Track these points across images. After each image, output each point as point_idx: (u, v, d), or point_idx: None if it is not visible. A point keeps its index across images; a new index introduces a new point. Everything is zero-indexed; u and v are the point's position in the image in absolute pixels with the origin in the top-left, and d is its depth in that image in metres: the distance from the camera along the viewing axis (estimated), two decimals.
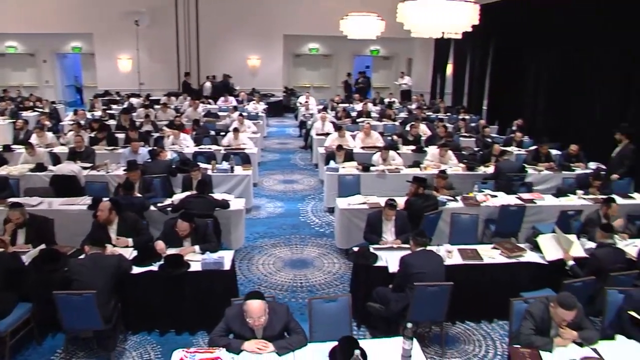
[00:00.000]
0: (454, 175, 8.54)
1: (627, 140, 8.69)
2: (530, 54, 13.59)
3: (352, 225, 7.15)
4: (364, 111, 14.59)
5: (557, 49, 12.35)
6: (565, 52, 11.97)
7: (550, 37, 12.52)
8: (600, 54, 10.67)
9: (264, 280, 6.65)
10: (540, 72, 13.20)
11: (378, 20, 14.16)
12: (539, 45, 13.16)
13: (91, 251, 4.96)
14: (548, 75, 12.85)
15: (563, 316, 3.95)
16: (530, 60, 13.64)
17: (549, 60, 12.79)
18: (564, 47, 11.99)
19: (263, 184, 10.74)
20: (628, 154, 8.66)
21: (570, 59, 11.77)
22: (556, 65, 12.45)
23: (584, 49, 11.27)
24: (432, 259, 5.08)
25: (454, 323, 5.71)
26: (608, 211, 6.46)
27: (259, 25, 19.01)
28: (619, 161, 8.71)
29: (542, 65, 13.14)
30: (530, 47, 13.55)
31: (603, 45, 10.50)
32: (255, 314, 3.81)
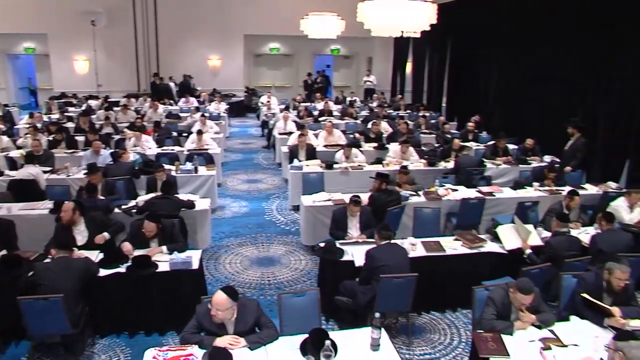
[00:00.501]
0: (415, 171, 8.73)
1: (579, 133, 9.07)
2: (486, 52, 13.96)
3: (318, 222, 7.25)
4: (325, 110, 14.71)
5: (510, 47, 12.72)
6: (519, 50, 12.35)
7: (504, 36, 12.89)
8: (551, 52, 11.06)
9: (231, 279, 6.67)
10: (496, 69, 13.59)
11: (338, 19, 14.30)
12: (494, 44, 13.53)
13: (58, 254, 4.90)
14: (503, 73, 13.25)
15: (522, 300, 4.14)
16: (486, 58, 14.01)
17: (503, 58, 13.17)
18: (517, 45, 12.36)
19: (227, 184, 10.73)
20: (580, 146, 9.04)
21: (524, 57, 12.16)
22: (510, 63, 12.83)
23: (535, 48, 11.67)
24: (397, 251, 5.22)
25: (420, 313, 5.88)
26: (570, 203, 6.74)
27: (219, 25, 18.91)
28: (572, 154, 9.08)
29: (497, 63, 13.53)
30: (485, 45, 13.91)
31: (553, 44, 10.89)
32: (216, 304, 3.85)
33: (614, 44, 9.22)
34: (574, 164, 8.96)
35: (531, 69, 11.89)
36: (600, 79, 9.65)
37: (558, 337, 4.10)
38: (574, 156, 9.02)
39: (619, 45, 9.13)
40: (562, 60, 10.69)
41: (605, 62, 9.49)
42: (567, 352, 3.88)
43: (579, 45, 10.07)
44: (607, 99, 9.48)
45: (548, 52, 11.15)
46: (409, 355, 5.17)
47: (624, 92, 9.08)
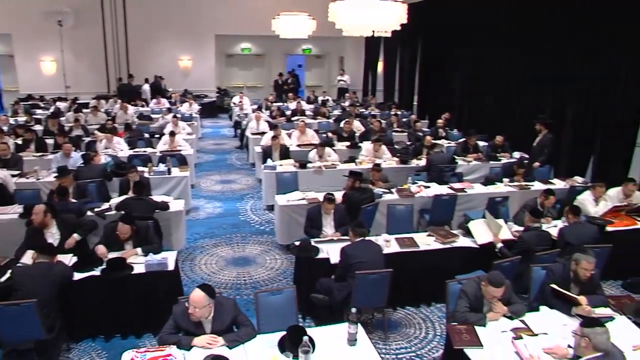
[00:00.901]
0: (388, 169, 8.84)
1: (546, 130, 9.29)
2: (456, 51, 14.15)
3: (292, 221, 7.29)
4: (298, 110, 14.75)
5: (479, 46, 12.94)
6: (487, 49, 12.57)
7: (473, 35, 13.11)
8: (519, 52, 11.29)
9: (207, 279, 6.65)
10: (465, 68, 13.81)
11: (310, 19, 14.33)
12: (463, 43, 13.73)
13: (38, 259, 4.83)
14: (472, 71, 13.46)
15: (493, 293, 4.26)
16: (455, 57, 14.21)
17: (472, 56, 13.38)
18: (486, 44, 12.59)
19: (200, 185, 10.68)
20: (547, 143, 9.26)
21: (493, 56, 12.38)
22: (479, 62, 13.05)
23: (504, 47, 11.90)
24: (371, 248, 5.29)
25: (395, 309, 5.96)
26: (545, 202, 6.90)
27: (189, 25, 18.74)
28: (540, 150, 9.30)
29: (466, 62, 13.74)
30: (455, 44, 14.11)
31: (522, 43, 11.12)
32: (194, 302, 3.87)
33: (581, 45, 9.47)
34: (542, 159, 9.18)
35: (500, 68, 12.12)
36: (567, 78, 9.89)
37: (529, 327, 4.23)
38: (542, 152, 9.24)
39: (586, 46, 9.38)
40: (531, 59, 10.91)
41: (572, 63, 9.74)
42: (537, 340, 4.00)
43: (547, 45, 10.31)
44: (574, 97, 9.73)
45: (517, 51, 11.37)
46: (385, 350, 5.24)
47: (590, 91, 9.34)
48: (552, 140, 9.28)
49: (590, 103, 9.32)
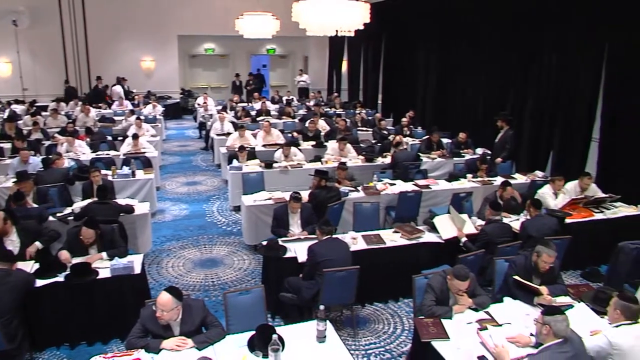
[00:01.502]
0: (354, 167, 8.91)
1: (507, 126, 9.50)
2: (418, 49, 14.36)
3: (259, 221, 7.27)
4: (263, 110, 14.70)
5: (442, 44, 13.16)
6: (450, 47, 12.79)
7: (436, 33, 13.33)
8: (481, 50, 11.53)
9: (175, 282, 6.58)
10: (428, 66, 14.00)
11: (273, 19, 14.27)
12: (425, 41, 13.96)
13: None
14: (435, 69, 13.65)
15: (459, 286, 4.35)
16: (418, 55, 14.40)
17: (435, 54, 13.59)
18: (448, 42, 12.80)
19: (166, 188, 10.55)
20: (508, 139, 9.48)
21: (455, 53, 12.60)
22: (442, 59, 13.26)
23: (466, 44, 12.13)
24: (339, 246, 5.32)
25: (364, 305, 6.02)
26: (503, 193, 7.07)
27: (151, 25, 18.42)
28: (501, 146, 9.52)
29: (429, 60, 13.94)
30: (417, 43, 14.32)
31: (484, 41, 11.36)
32: (161, 305, 3.83)
33: (539, 42, 9.73)
34: (503, 155, 9.39)
35: (462, 65, 12.33)
36: (527, 75, 10.15)
37: (493, 318, 4.34)
38: (504, 148, 9.46)
39: (543, 43, 9.64)
40: (492, 56, 11.16)
41: (531, 60, 9.99)
42: (502, 330, 4.10)
43: (508, 42, 10.56)
44: (534, 93, 9.99)
45: (478, 49, 11.61)
46: (355, 347, 5.29)
47: (549, 87, 9.60)
48: (513, 136, 9.51)
49: (549, 100, 9.58)
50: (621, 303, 3.94)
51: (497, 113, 9.84)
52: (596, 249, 6.87)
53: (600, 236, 6.87)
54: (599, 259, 6.99)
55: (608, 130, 8.36)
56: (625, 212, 7.13)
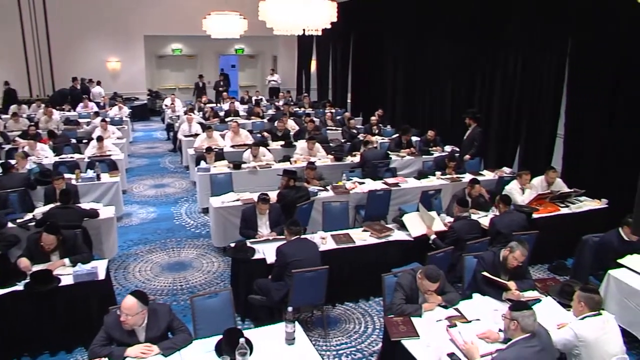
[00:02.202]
0: (323, 167, 8.88)
1: (475, 124, 9.57)
2: (386, 47, 14.41)
3: (228, 223, 7.17)
4: (231, 110, 14.54)
5: (408, 42, 13.22)
6: (417, 45, 12.86)
7: (402, 31, 13.39)
8: (448, 47, 11.62)
9: (142, 287, 6.42)
10: (396, 64, 14.06)
11: (241, 19, 14.16)
12: (392, 39, 14.00)
13: None
14: (403, 67, 13.72)
15: (428, 287, 4.34)
16: (386, 54, 14.45)
17: (403, 53, 13.64)
18: (415, 40, 12.87)
19: (133, 191, 10.33)
20: (476, 136, 9.54)
21: (422, 51, 12.67)
22: (409, 58, 13.31)
23: (433, 42, 12.21)
24: (307, 246, 5.27)
25: (334, 305, 5.98)
26: (472, 191, 7.11)
27: (117, 26, 18.04)
28: (470, 143, 9.57)
29: (397, 58, 13.99)
30: (385, 41, 14.37)
31: (450, 38, 11.44)
32: (126, 309, 3.72)
33: (504, 39, 9.83)
34: (472, 152, 9.46)
35: (429, 63, 12.41)
36: (493, 72, 10.26)
37: (462, 314, 4.34)
38: (472, 145, 9.52)
39: (508, 40, 9.75)
40: (458, 54, 11.24)
41: (496, 56, 10.09)
42: (471, 326, 4.11)
43: (473, 40, 10.64)
44: (500, 90, 10.09)
45: (445, 47, 11.69)
46: (326, 347, 5.25)
47: (514, 84, 9.71)
48: (481, 134, 9.59)
49: (515, 96, 9.69)
50: (584, 295, 3.99)
51: (465, 111, 9.92)
52: (562, 242, 6.99)
53: (566, 230, 6.99)
54: (565, 253, 7.11)
55: (572, 126, 8.50)
56: (589, 206, 7.26)
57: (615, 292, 5.30)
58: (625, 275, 5.28)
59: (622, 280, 5.24)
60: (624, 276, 5.28)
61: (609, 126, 7.76)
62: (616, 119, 7.64)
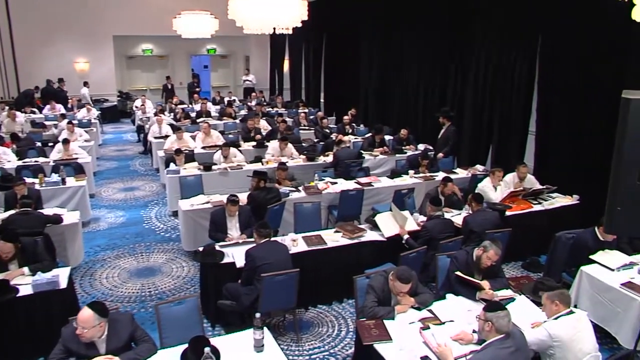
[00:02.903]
0: (295, 167, 8.76)
1: (449, 122, 9.52)
2: (358, 46, 14.34)
3: (198, 226, 6.98)
4: (203, 111, 14.30)
5: (381, 40, 13.18)
6: (389, 43, 12.81)
7: (375, 30, 13.34)
8: (420, 45, 11.59)
9: (109, 294, 6.22)
10: (369, 63, 13.99)
11: (212, 18, 13.97)
12: (365, 38, 13.95)
13: None
14: (376, 66, 13.65)
15: (401, 289, 4.24)
16: (359, 52, 14.38)
17: (375, 51, 13.59)
18: (387, 38, 12.83)
19: (101, 194, 10.05)
20: (451, 134, 9.49)
21: (394, 50, 12.63)
22: (382, 56, 13.27)
23: (405, 40, 12.18)
24: (277, 249, 5.13)
25: (307, 308, 5.85)
26: (444, 189, 7.04)
27: (84, 26, 17.62)
28: (444, 142, 9.52)
29: (369, 57, 13.93)
30: (357, 40, 14.30)
31: (422, 37, 11.42)
32: (82, 322, 3.53)
33: (476, 37, 9.84)
34: (445, 150, 9.43)
35: (401, 62, 12.37)
36: (465, 70, 10.25)
37: (436, 316, 4.25)
38: (446, 143, 9.47)
39: (479, 37, 9.75)
40: (430, 53, 11.22)
41: (468, 54, 10.09)
42: (444, 328, 4.02)
43: (445, 38, 10.64)
44: (472, 88, 10.08)
45: (417, 46, 11.66)
46: (298, 352, 5.12)
47: (487, 81, 9.70)
48: (455, 132, 9.56)
49: (487, 94, 9.69)
50: (554, 294, 3.94)
51: (439, 110, 9.88)
52: (535, 239, 6.99)
53: (539, 227, 7.00)
54: (538, 250, 7.09)
55: (543, 123, 8.52)
56: (561, 203, 7.27)
57: (587, 288, 5.29)
58: (597, 271, 5.28)
59: (594, 276, 5.23)
60: (596, 272, 5.27)
61: (579, 123, 7.79)
62: (586, 116, 7.66)
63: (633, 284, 4.96)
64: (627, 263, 5.34)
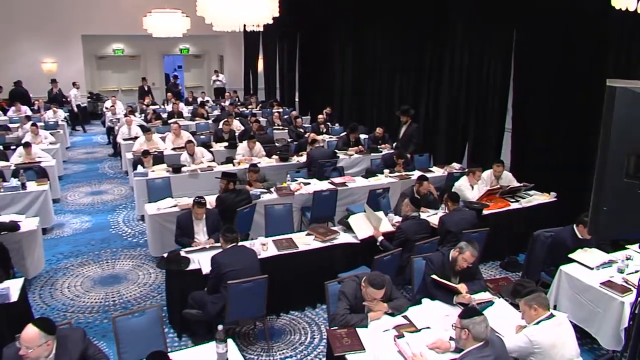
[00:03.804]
0: (268, 167, 8.50)
1: (410, 120, 9.27)
2: (332, 44, 14.15)
3: (165, 230, 6.67)
4: (174, 112, 13.92)
5: (355, 38, 13.01)
6: (363, 41, 12.65)
7: (348, 28, 13.16)
8: (394, 43, 11.43)
9: (70, 305, 5.89)
10: (344, 61, 13.80)
11: (183, 16, 13.60)
12: (339, 36, 13.76)
13: None
14: (350, 64, 13.48)
15: (373, 295, 4.01)
16: (332, 51, 14.19)
17: (349, 49, 13.41)
18: (362, 36, 12.66)
19: (67, 199, 9.65)
20: (413, 132, 9.26)
21: (369, 48, 12.47)
22: (357, 54, 13.11)
23: (379, 38, 12.01)
24: (245, 254, 4.87)
25: (279, 315, 5.61)
26: (420, 188, 6.85)
27: (52, 25, 17.02)
28: (408, 140, 9.25)
29: (344, 55, 13.74)
30: (331, 37, 14.13)
31: (397, 35, 11.27)
32: (25, 341, 3.21)
33: (450, 33, 9.69)
34: (411, 149, 9.16)
35: (376, 59, 12.20)
36: (440, 67, 10.09)
37: (411, 322, 4.04)
38: (410, 142, 9.20)
39: (454, 33, 9.60)
40: (405, 49, 11.05)
41: (443, 51, 9.94)
42: (420, 336, 3.80)
43: (420, 35, 10.49)
44: (448, 85, 9.92)
45: (391, 43, 11.50)
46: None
47: (462, 78, 9.56)
48: (417, 130, 9.34)
49: (462, 91, 9.55)
50: (532, 297, 3.77)
51: (399, 108, 9.65)
52: (513, 238, 6.90)
53: (517, 225, 6.91)
54: (516, 249, 7.00)
55: (519, 120, 8.40)
56: (539, 200, 7.15)
57: (567, 288, 5.14)
58: (577, 270, 5.14)
59: (574, 275, 5.08)
60: (575, 271, 5.13)
61: (554, 119, 7.68)
62: (563, 112, 7.55)
63: (613, 282, 4.82)
64: (606, 261, 5.22)
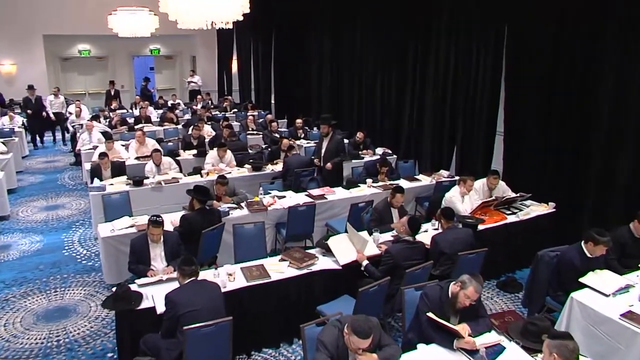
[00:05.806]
0: (239, 178, 7.75)
1: (332, 131, 8.29)
2: (311, 44, 13.54)
3: (121, 254, 5.80)
4: (142, 116, 13.00)
5: (333, 38, 12.43)
6: (343, 39, 12.06)
7: (326, 27, 12.58)
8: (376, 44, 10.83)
9: (4, 348, 5.02)
10: (322, 61, 13.17)
11: (151, 15, 12.76)
12: (317, 35, 13.15)
13: None
14: (330, 64, 12.87)
15: (358, 344, 3.25)
16: (310, 50, 13.55)
17: (327, 50, 12.81)
18: (339, 37, 12.07)
19: (17, 216, 8.72)
20: (340, 143, 8.34)
21: (350, 46, 11.85)
22: (336, 56, 12.55)
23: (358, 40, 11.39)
24: (205, 290, 4.08)
25: (250, 354, 4.84)
26: (392, 200, 6.15)
27: (9, 24, 16.02)
28: (334, 152, 8.18)
29: (323, 55, 13.12)
30: (309, 36, 13.51)
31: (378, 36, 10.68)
32: None
33: (436, 29, 9.07)
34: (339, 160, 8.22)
35: (356, 58, 11.57)
36: (425, 65, 9.45)
37: None
38: (337, 153, 8.19)
39: (440, 29, 8.98)
40: (388, 49, 10.43)
41: (428, 48, 9.31)
42: None
43: (403, 31, 9.89)
44: (433, 84, 9.28)
45: (372, 39, 10.88)
46: None
47: (448, 77, 8.92)
48: (342, 140, 8.51)
49: (449, 91, 8.92)
50: (555, 343, 3.10)
51: (320, 117, 8.79)
52: (511, 254, 6.31)
53: (514, 240, 6.32)
54: (514, 265, 6.45)
55: (511, 123, 7.76)
56: (537, 212, 6.54)
57: (579, 319, 4.48)
58: (590, 298, 4.48)
59: (587, 304, 4.43)
60: (588, 299, 4.47)
61: (548, 121, 7.08)
62: (556, 113, 6.96)
63: (635, 314, 4.17)
64: (622, 286, 4.58)
